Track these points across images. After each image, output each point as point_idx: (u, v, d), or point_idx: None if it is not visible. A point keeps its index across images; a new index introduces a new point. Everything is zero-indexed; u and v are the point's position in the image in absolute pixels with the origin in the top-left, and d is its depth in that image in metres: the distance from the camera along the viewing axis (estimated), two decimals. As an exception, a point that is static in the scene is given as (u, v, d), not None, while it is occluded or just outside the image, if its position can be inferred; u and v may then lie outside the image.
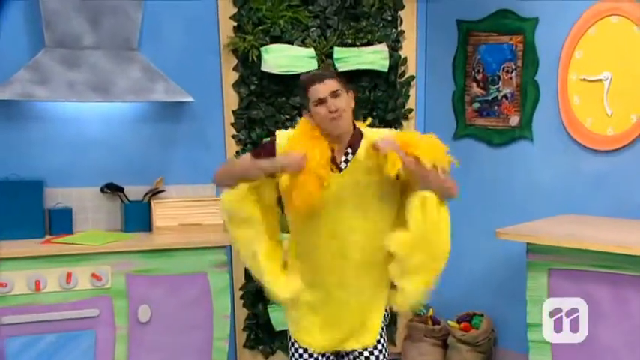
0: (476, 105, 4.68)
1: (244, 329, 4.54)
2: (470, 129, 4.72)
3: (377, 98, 4.69)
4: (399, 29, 4.78)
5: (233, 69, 4.45)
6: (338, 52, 4.53)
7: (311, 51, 4.46)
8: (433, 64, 4.90)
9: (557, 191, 4.29)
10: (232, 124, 4.48)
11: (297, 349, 2.88)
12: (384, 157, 2.64)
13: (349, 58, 4.54)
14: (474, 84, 4.68)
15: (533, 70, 4.36)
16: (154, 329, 3.87)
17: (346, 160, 2.76)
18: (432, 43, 4.90)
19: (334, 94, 2.71)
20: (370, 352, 2.85)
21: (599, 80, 4.04)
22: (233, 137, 4.48)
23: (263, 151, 2.81)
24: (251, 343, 4.55)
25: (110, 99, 3.96)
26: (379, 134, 2.77)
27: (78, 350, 3.74)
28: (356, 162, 2.75)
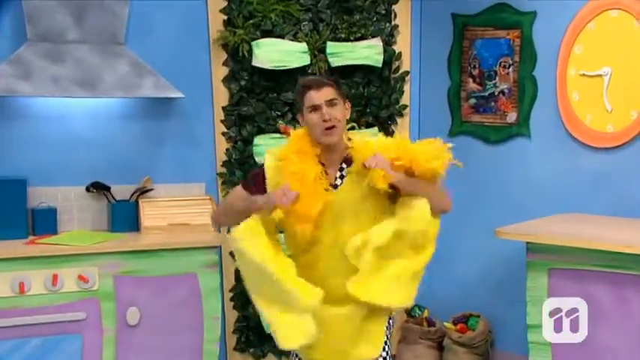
0: (472, 101, 4.68)
1: (234, 332, 4.52)
2: (466, 126, 4.72)
3: (370, 94, 4.68)
4: (393, 23, 4.77)
5: (223, 64, 4.43)
6: (331, 47, 4.52)
7: (303, 45, 4.44)
8: (428, 60, 4.90)
9: (555, 190, 4.31)
10: (222, 121, 4.46)
11: None
12: (374, 174, 2.63)
13: (342, 53, 4.53)
14: (470, 80, 4.68)
15: (530, 66, 4.36)
16: (143, 332, 3.84)
17: (341, 176, 2.75)
18: (427, 38, 4.90)
19: (330, 103, 2.70)
20: None
21: (598, 76, 4.06)
22: (223, 134, 4.46)
23: (254, 183, 2.81)
24: (241, 346, 4.53)
25: (97, 95, 3.93)
26: (369, 144, 2.74)
27: (64, 355, 3.70)
28: (351, 177, 2.74)
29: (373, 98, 4.69)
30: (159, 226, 4.12)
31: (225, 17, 4.40)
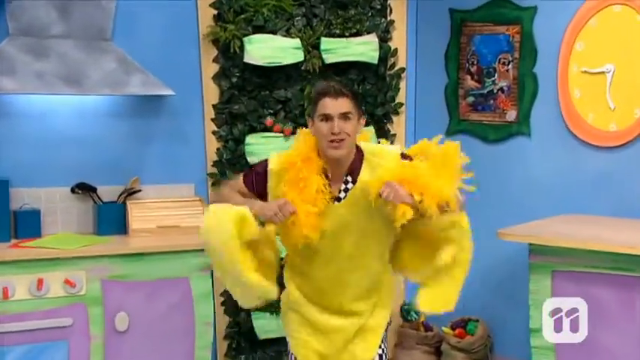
0: (470, 99, 4.69)
1: (225, 338, 4.50)
2: (464, 124, 4.73)
3: (365, 92, 4.68)
4: (389, 19, 4.78)
5: (213, 60, 4.41)
6: (325, 43, 4.51)
7: (297, 41, 4.43)
8: (425, 56, 4.90)
9: (556, 190, 4.32)
10: (212, 120, 4.44)
11: None
12: (393, 207, 2.60)
13: (337, 50, 4.53)
14: (468, 77, 4.68)
15: (531, 62, 4.37)
16: (132, 338, 3.81)
17: (345, 189, 2.73)
18: (424, 34, 4.90)
19: (344, 116, 2.65)
20: None
21: (601, 73, 4.07)
22: (213, 133, 4.44)
23: (255, 180, 2.79)
24: (233, 353, 4.51)
25: (83, 92, 3.89)
26: (382, 155, 2.73)
27: (50, 362, 3.67)
28: (356, 191, 2.71)
29: (368, 96, 4.69)
30: (147, 229, 4.09)
31: (215, 12, 4.38)
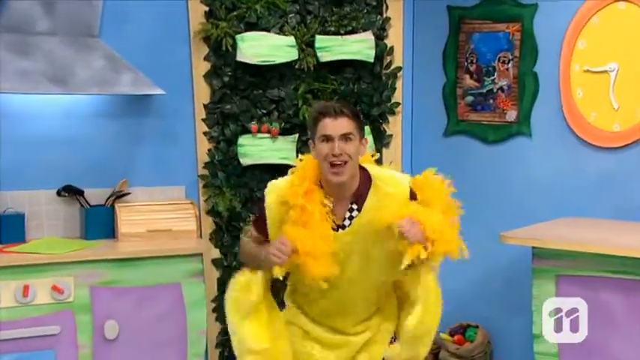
0: (469, 99, 4.69)
1: (217, 346, 4.47)
2: (462, 125, 4.73)
3: (361, 91, 4.67)
4: (385, 16, 4.77)
5: (204, 59, 4.39)
6: (320, 41, 4.50)
7: (291, 39, 4.42)
8: (422, 54, 4.89)
9: (558, 192, 4.32)
10: (204, 120, 4.42)
11: None
12: (406, 244, 2.62)
13: (332, 48, 4.52)
14: (467, 76, 4.68)
15: (531, 61, 4.38)
16: (122, 347, 3.78)
17: (350, 217, 2.71)
18: (421, 32, 4.90)
19: (344, 137, 2.63)
20: None
21: (604, 72, 4.08)
22: (205, 134, 4.42)
23: (261, 224, 2.81)
24: (225, 362, 4.49)
25: (70, 91, 3.86)
26: (391, 183, 2.72)
27: (36, 372, 3.64)
28: (362, 219, 2.69)
29: (364, 95, 4.68)
30: (137, 233, 4.06)
31: (206, 8, 4.36)
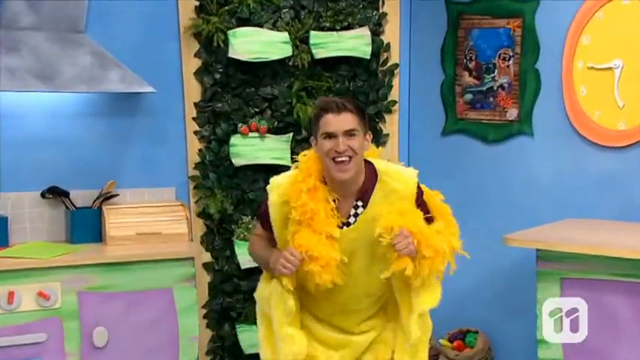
0: (468, 96, 4.68)
1: (208, 353, 4.46)
2: (461, 124, 4.72)
3: (356, 89, 4.65)
4: (381, 11, 4.76)
5: (195, 55, 4.38)
6: (315, 37, 4.49)
7: (285, 35, 4.40)
8: (419, 51, 4.89)
9: (560, 192, 4.31)
10: (194, 119, 4.40)
11: None
12: (396, 256, 2.65)
13: (327, 44, 4.51)
14: (466, 73, 4.68)
15: (533, 58, 4.37)
16: (111, 355, 3.76)
17: (355, 214, 2.71)
18: (418, 27, 4.89)
19: (348, 134, 2.63)
20: None
21: (609, 69, 4.07)
22: (195, 133, 4.40)
23: (263, 219, 2.84)
24: (216, 369, 4.47)
25: (57, 89, 3.84)
26: (398, 178, 2.73)
27: (22, 382, 3.61)
28: (367, 215, 2.70)
29: (360, 93, 4.66)
30: (126, 236, 4.04)
31: (197, 3, 4.34)
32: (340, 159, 2.62)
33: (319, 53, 4.48)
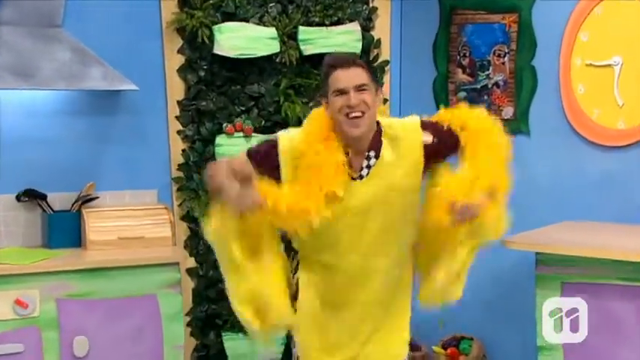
0: (462, 94, 4.68)
1: (192, 362, 4.44)
2: (454, 122, 4.71)
3: (346, 87, 4.63)
4: (371, 5, 4.77)
5: (178, 52, 4.37)
6: (303, 33, 4.49)
7: (272, 31, 4.40)
8: (411, 47, 4.89)
9: (558, 193, 4.32)
10: (177, 118, 4.40)
11: None
12: (452, 211, 2.61)
13: (316, 40, 4.51)
14: (460, 70, 4.68)
15: (529, 55, 4.38)
16: (93, 366, 3.75)
17: (368, 166, 2.71)
18: (410, 23, 4.90)
19: (359, 89, 2.63)
20: None
21: (608, 66, 4.08)
22: (178, 133, 4.40)
23: (263, 160, 2.70)
24: (201, 380, 4.44)
25: (35, 86, 3.82)
26: (399, 126, 2.73)
27: (-2, 395, 3.59)
28: (380, 167, 2.70)
29: (349, 91, 4.64)
30: (107, 241, 4.03)
31: (180, -4, 4.35)
32: (354, 114, 2.60)
33: (307, 49, 4.48)
